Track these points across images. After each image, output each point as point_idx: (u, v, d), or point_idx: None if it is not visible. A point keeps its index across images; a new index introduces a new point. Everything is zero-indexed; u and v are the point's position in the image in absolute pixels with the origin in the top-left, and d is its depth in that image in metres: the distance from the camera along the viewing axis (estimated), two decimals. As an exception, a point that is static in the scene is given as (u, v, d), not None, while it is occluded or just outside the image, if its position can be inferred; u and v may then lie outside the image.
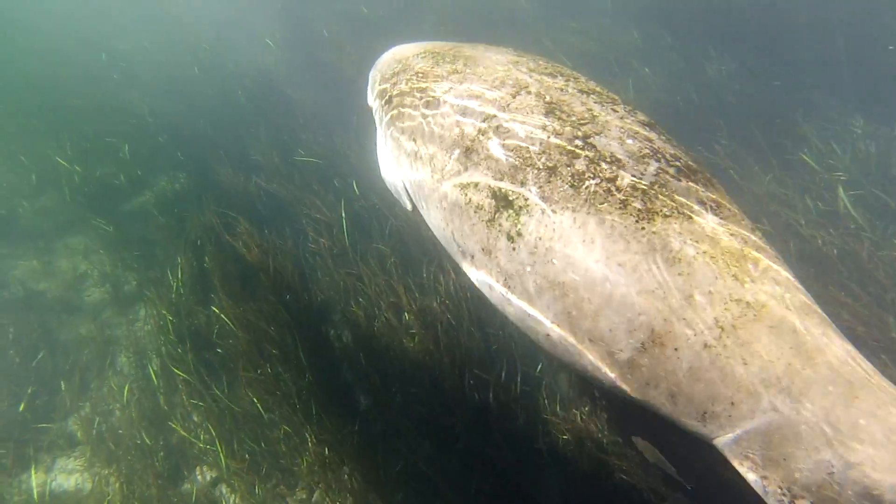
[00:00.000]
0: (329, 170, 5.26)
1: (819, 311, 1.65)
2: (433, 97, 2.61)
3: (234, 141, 6.17)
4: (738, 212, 1.94)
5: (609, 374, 1.79)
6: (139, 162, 5.94)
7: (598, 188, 1.91)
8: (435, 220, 2.53)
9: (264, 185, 5.30)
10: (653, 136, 2.21)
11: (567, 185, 1.96)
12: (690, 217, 1.81)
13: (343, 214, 4.42)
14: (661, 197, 1.86)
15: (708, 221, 1.82)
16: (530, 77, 2.54)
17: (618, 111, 2.36)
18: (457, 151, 2.34)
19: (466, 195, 2.23)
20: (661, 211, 1.82)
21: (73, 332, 4.30)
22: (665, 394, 1.66)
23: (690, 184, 1.96)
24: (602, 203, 1.87)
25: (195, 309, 4.08)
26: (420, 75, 2.83)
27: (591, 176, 1.95)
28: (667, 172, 1.97)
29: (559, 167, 2.02)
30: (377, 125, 3.27)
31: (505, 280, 2.10)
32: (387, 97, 3.05)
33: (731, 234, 1.79)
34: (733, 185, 4.57)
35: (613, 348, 1.75)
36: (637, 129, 2.24)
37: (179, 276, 4.26)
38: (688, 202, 1.87)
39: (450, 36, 3.84)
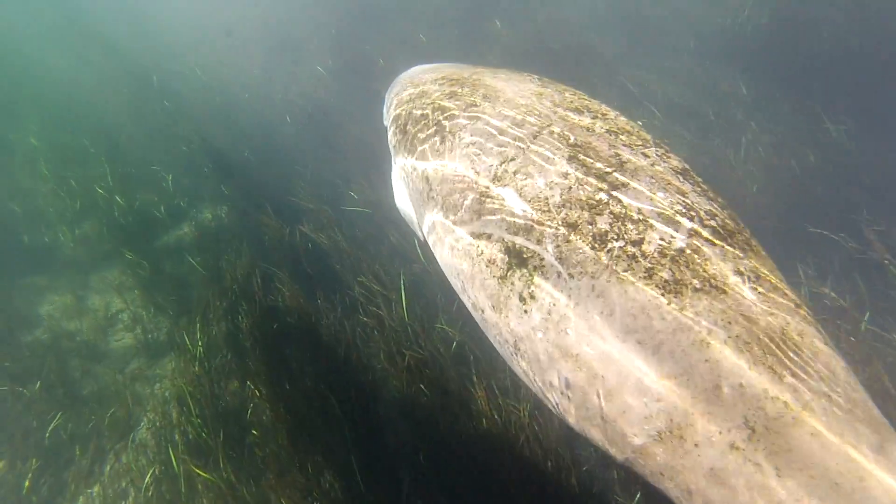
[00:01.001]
0: (384, 220, 4.66)
1: (878, 415, 1.44)
2: (448, 132, 2.51)
3: (279, 177, 5.78)
4: (782, 284, 1.73)
5: (618, 456, 1.66)
6: (182, 192, 5.81)
7: (621, 252, 1.76)
8: (445, 263, 2.44)
9: (310, 234, 4.83)
10: (686, 187, 2.02)
11: (587, 247, 1.81)
12: (724, 291, 1.63)
13: (402, 280, 3.75)
14: (692, 265, 1.69)
15: (745, 296, 1.63)
16: (554, 113, 2.39)
17: (649, 156, 2.18)
18: (470, 197, 2.23)
19: (478, 246, 2.13)
20: (690, 283, 1.65)
21: (96, 386, 3.97)
22: (680, 488, 1.52)
23: (727, 248, 1.77)
24: (625, 270, 1.72)
25: (226, 378, 3.69)
26: (435, 106, 2.73)
27: (616, 237, 1.80)
28: (700, 235, 1.79)
29: (580, 224, 1.88)
30: (391, 150, 3.20)
31: (515, 342, 1.99)
32: (400, 124, 2.97)
33: (772, 314, 1.60)
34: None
35: (626, 431, 1.61)
36: (669, 178, 2.05)
37: (211, 332, 3.92)
38: (722, 272, 1.69)
39: (518, 68, 3.18)
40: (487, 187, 2.20)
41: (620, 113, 2.57)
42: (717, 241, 1.78)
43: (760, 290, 1.66)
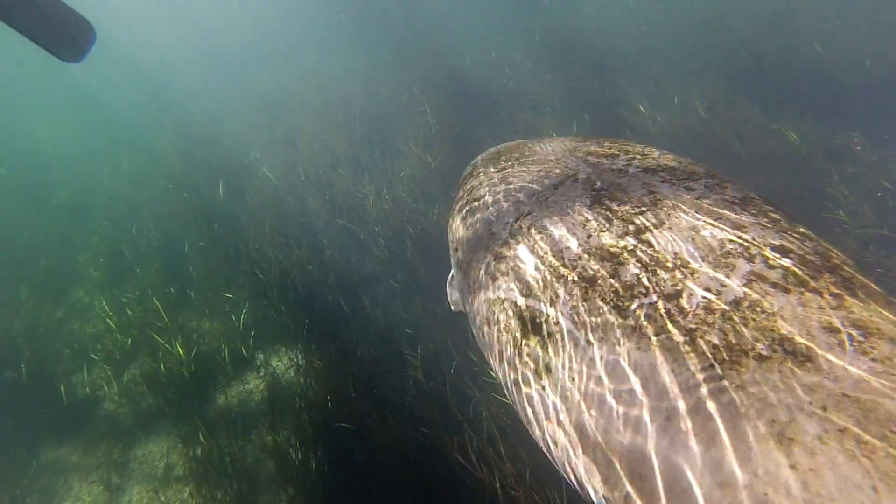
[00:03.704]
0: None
1: None
2: (477, 198, 2.41)
3: (372, 304, 4.19)
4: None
5: None
6: (252, 325, 4.36)
7: (651, 310, 1.37)
8: (476, 334, 2.20)
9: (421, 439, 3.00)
10: (746, 220, 1.57)
11: (608, 306, 1.46)
12: (809, 358, 1.14)
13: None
14: (752, 323, 1.23)
15: (846, 364, 1.12)
16: (585, 163, 2.16)
17: (695, 189, 1.79)
18: (487, 259, 2.03)
19: (494, 313, 1.87)
20: (753, 349, 1.19)
21: None
22: None
23: (809, 296, 1.27)
24: (658, 334, 1.32)
25: None
26: (473, 176, 2.67)
27: (643, 292, 1.42)
28: (766, 280, 1.33)
29: (599, 279, 1.54)
30: None
31: (536, 423, 1.62)
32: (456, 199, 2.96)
33: (895, 391, 1.05)
34: None
35: None
36: (722, 210, 1.63)
37: None
38: (803, 331, 1.19)
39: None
40: (502, 246, 1.99)
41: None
42: (793, 287, 1.29)
43: (874, 356, 1.13)
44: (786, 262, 1.38)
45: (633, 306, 1.41)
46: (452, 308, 2.87)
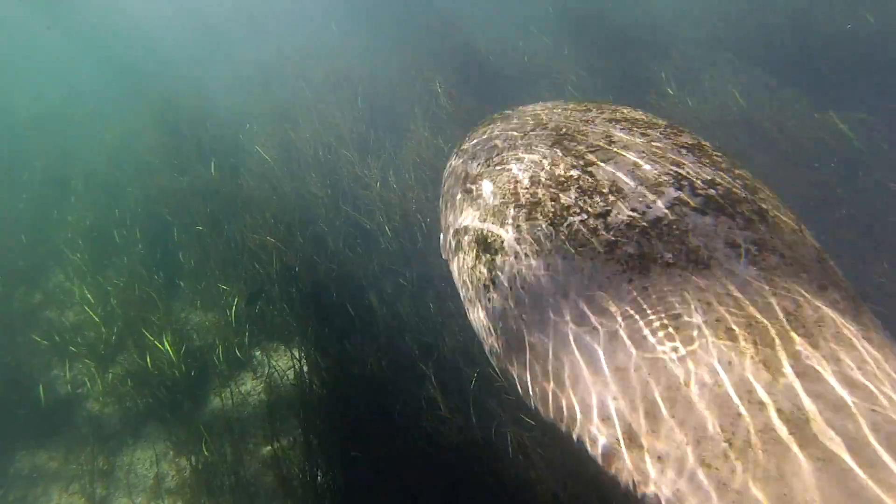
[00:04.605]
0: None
1: None
2: (463, 149, 2.54)
3: (380, 302, 3.74)
4: (800, 260, 1.30)
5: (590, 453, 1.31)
6: (248, 320, 3.96)
7: (581, 226, 1.50)
8: (451, 269, 2.34)
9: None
10: (688, 159, 1.68)
11: (546, 223, 1.58)
12: (707, 267, 1.27)
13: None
14: (666, 238, 1.36)
15: (738, 274, 1.25)
16: (559, 115, 2.27)
17: (649, 135, 1.89)
18: (459, 195, 2.16)
19: (460, 241, 2.01)
20: (660, 258, 1.32)
21: None
22: None
23: (724, 219, 1.39)
24: (581, 246, 1.45)
25: None
26: (466, 138, 2.79)
27: (578, 211, 1.55)
28: (687, 204, 1.45)
29: (542, 203, 1.66)
30: None
31: (485, 334, 1.78)
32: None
33: (773, 295, 1.19)
34: None
35: (586, 427, 1.28)
36: (667, 151, 1.74)
37: None
38: (709, 245, 1.32)
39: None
40: (472, 183, 2.11)
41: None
42: (710, 212, 1.42)
43: (763, 267, 1.26)
44: (711, 192, 1.49)
45: (566, 223, 1.53)
46: (442, 255, 2.98)
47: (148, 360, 3.68)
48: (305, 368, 3.30)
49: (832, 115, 4.50)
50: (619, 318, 1.26)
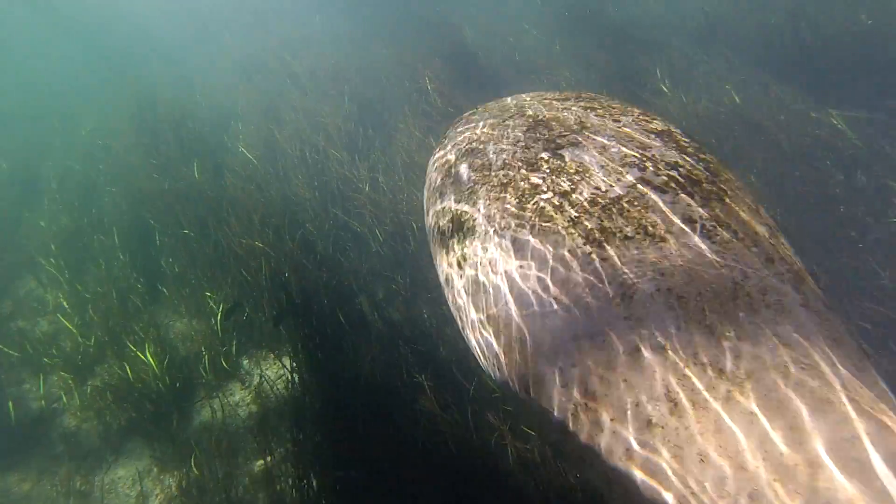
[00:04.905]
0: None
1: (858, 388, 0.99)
2: (448, 137, 2.58)
3: (372, 309, 3.65)
4: (752, 236, 1.35)
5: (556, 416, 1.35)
6: (236, 328, 3.79)
7: (547, 203, 1.54)
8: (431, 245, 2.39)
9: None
10: (655, 143, 1.73)
11: (515, 202, 1.62)
12: (664, 240, 1.32)
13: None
14: (626, 213, 1.41)
15: (692, 247, 1.30)
16: (539, 103, 2.31)
17: (620, 120, 1.94)
18: (439, 180, 2.19)
19: (437, 222, 2.05)
20: (620, 231, 1.36)
21: None
22: (596, 470, 1.17)
23: (683, 196, 1.44)
24: (546, 221, 1.49)
25: None
26: (451, 128, 2.82)
27: (545, 190, 1.59)
28: (649, 183, 1.49)
29: (511, 183, 1.70)
30: None
31: (457, 312, 1.81)
32: None
33: (723, 267, 1.23)
34: None
35: (552, 391, 1.32)
36: (636, 136, 1.79)
37: None
38: (667, 219, 1.37)
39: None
40: (450, 167, 2.15)
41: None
42: (669, 191, 1.46)
43: (716, 240, 1.30)
44: (673, 173, 1.54)
45: (533, 202, 1.57)
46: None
47: (129, 371, 3.46)
48: (296, 378, 3.17)
49: (831, 114, 4.48)
50: (577, 289, 1.30)
